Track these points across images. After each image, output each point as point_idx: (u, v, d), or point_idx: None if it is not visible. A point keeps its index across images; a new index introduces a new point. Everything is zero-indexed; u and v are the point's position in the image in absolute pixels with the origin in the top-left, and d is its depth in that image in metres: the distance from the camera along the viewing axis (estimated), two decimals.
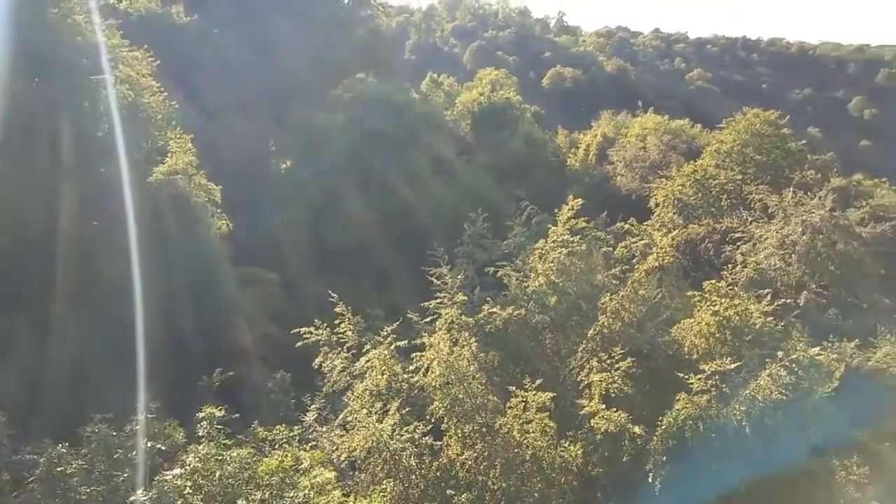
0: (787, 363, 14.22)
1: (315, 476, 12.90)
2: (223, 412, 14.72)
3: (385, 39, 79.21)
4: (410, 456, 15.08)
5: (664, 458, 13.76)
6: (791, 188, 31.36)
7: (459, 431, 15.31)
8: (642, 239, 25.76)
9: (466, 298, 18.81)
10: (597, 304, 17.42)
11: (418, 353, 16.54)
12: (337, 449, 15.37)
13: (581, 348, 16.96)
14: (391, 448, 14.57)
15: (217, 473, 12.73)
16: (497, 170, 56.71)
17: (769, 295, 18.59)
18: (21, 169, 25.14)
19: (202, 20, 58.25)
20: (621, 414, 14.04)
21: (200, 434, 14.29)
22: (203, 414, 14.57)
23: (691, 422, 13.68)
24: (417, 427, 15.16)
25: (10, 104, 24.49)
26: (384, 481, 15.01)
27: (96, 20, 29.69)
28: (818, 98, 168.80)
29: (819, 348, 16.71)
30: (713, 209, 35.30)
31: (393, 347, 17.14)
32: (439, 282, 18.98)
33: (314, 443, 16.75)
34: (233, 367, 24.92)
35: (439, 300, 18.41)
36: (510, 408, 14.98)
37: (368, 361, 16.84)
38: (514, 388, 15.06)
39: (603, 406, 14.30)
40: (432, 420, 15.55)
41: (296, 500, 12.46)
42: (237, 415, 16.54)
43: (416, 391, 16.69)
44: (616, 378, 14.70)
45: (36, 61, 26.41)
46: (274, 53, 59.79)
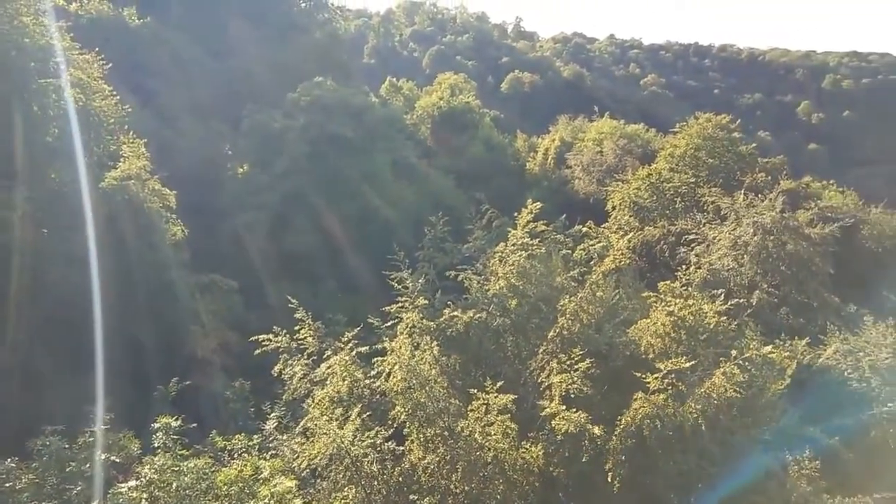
0: (741, 361, 14.52)
1: (275, 485, 12.68)
2: (180, 422, 14.41)
3: (343, 43, 79.00)
4: (372, 462, 15.01)
5: (623, 458, 13.95)
6: (742, 191, 32.16)
7: (421, 436, 15.25)
8: (600, 241, 26.25)
9: (427, 302, 18.78)
10: (556, 307, 17.48)
11: (380, 358, 16.46)
12: (298, 457, 15.19)
13: (541, 350, 17.02)
14: (352, 454, 14.45)
15: (174, 485, 12.44)
16: (457, 173, 57.11)
17: (722, 295, 19.07)
18: None
19: (156, 23, 57.12)
20: (581, 414, 14.12)
21: (156, 445, 13.96)
22: (159, 424, 14.26)
23: (649, 420, 13.86)
24: (379, 432, 15.09)
25: None
26: (346, 488, 14.86)
27: (47, 22, 28.89)
28: (768, 103, 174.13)
29: (771, 346, 17.21)
30: (668, 212, 35.89)
31: (354, 353, 17.06)
32: (400, 286, 18.93)
33: (274, 451, 16.52)
34: (190, 377, 24.55)
35: (400, 304, 18.36)
36: (472, 411, 14.96)
37: (329, 368, 16.73)
38: (476, 391, 15.05)
39: (563, 407, 14.34)
40: (394, 425, 15.47)
41: None
42: (195, 424, 16.18)
43: (378, 396, 16.65)
44: (576, 379, 14.78)
45: None
46: (229, 57, 59.15)
